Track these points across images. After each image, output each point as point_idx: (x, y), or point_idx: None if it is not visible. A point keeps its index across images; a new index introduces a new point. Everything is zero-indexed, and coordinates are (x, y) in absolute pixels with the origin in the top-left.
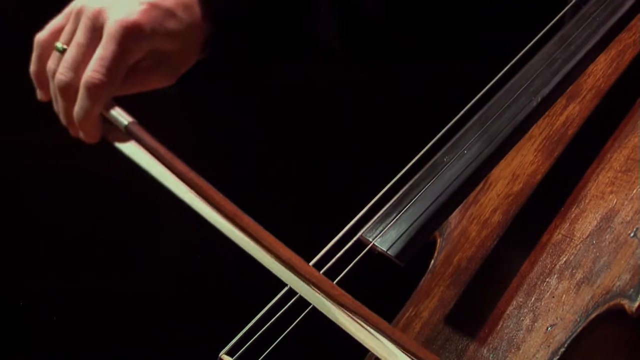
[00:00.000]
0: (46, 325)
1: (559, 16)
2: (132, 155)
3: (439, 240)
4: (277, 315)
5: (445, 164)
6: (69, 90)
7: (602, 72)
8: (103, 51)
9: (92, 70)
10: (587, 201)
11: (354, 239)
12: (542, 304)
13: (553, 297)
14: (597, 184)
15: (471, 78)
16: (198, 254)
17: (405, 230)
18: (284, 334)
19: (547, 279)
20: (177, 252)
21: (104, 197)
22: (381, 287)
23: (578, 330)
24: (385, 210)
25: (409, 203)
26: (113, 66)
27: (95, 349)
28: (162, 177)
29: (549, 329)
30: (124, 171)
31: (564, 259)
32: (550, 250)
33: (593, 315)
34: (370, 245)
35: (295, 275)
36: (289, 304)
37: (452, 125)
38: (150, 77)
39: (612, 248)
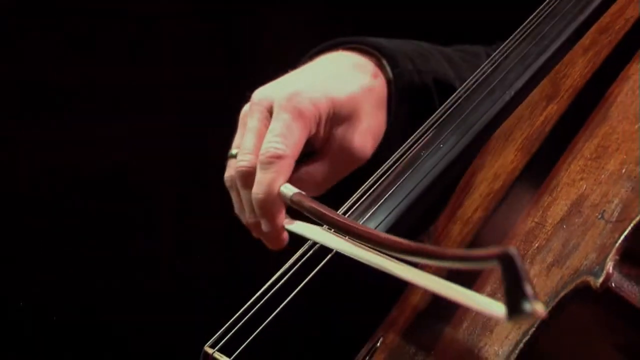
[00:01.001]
0: (46, 325)
1: (533, 15)
2: (310, 234)
3: (426, 242)
4: (257, 307)
5: (422, 157)
6: (250, 175)
7: (579, 72)
8: (274, 123)
9: (267, 142)
10: (559, 189)
11: (332, 231)
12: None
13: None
14: (569, 173)
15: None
16: (186, 252)
17: (382, 221)
18: (263, 325)
19: None
20: (174, 251)
21: (98, 195)
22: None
23: (547, 310)
24: (362, 204)
25: (385, 196)
26: (287, 134)
27: (94, 348)
28: (345, 248)
29: None
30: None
31: (536, 245)
32: (524, 238)
33: (561, 294)
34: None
35: None
36: (267, 295)
37: (430, 121)
38: (344, 155)
39: (580, 231)
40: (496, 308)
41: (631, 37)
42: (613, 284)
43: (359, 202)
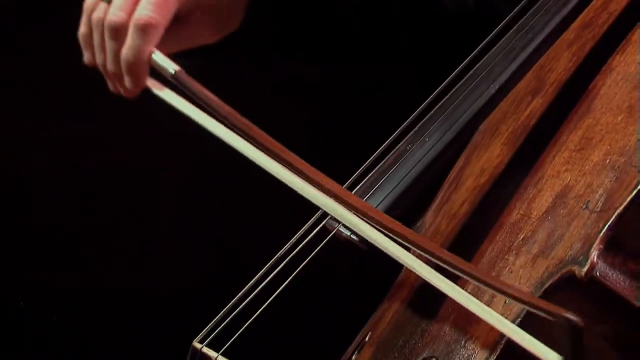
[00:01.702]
0: (46, 325)
1: (514, 11)
2: (173, 102)
3: None
4: (246, 301)
5: (408, 151)
6: (119, 31)
7: (563, 66)
8: None
9: (143, 8)
10: (544, 181)
11: (320, 225)
12: (501, 279)
13: (511, 272)
14: (554, 165)
15: (434, 71)
16: (175, 246)
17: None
18: (252, 319)
19: (506, 256)
20: (173, 251)
21: (96, 195)
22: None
23: None
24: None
25: (372, 190)
26: (162, 5)
27: (94, 348)
28: (207, 123)
29: (507, 302)
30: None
31: (522, 236)
32: (509, 230)
33: (547, 284)
34: (335, 230)
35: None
36: (256, 289)
37: (416, 116)
38: (198, 31)
39: (565, 221)
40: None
41: (614, 30)
42: (597, 273)
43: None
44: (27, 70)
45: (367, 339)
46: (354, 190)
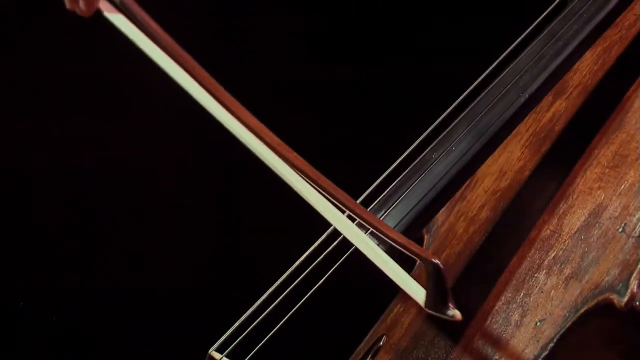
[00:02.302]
0: (46, 325)
1: (545, 13)
2: (122, 27)
3: (426, 237)
4: (265, 312)
5: (433, 160)
6: None
7: (588, 68)
8: None
9: None
10: (575, 197)
11: (342, 235)
12: (531, 299)
13: (542, 292)
14: (585, 180)
15: (459, 76)
16: (194, 253)
17: (395, 226)
18: (272, 332)
19: (536, 275)
20: (172, 251)
21: (97, 196)
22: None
23: (567, 325)
24: (373, 208)
25: (396, 200)
26: None
27: (93, 348)
28: (151, 51)
29: (538, 324)
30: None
31: (553, 255)
32: (539, 246)
33: (582, 310)
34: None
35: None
36: (277, 301)
37: (440, 122)
38: None
39: (600, 243)
40: (420, 295)
41: None
42: (638, 303)
43: (370, 206)
44: (25, 70)
45: (381, 343)
46: (377, 200)
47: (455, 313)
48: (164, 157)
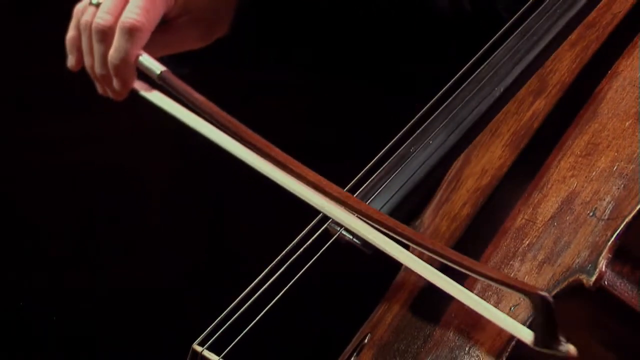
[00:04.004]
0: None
1: (521, 11)
2: (160, 103)
3: None
4: (245, 306)
5: (411, 154)
6: (106, 33)
7: (567, 67)
8: None
9: (129, 11)
10: (549, 186)
11: (322, 229)
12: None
13: (516, 278)
14: (559, 170)
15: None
16: (177, 249)
17: None
18: (254, 322)
19: (511, 262)
20: (156, 248)
21: (93, 194)
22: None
23: None
24: None
25: (374, 193)
26: (149, 8)
27: (89, 346)
28: (195, 124)
29: (512, 309)
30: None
31: (527, 242)
32: (514, 235)
33: (553, 293)
34: (338, 234)
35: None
36: (257, 294)
37: (419, 118)
38: (186, 35)
39: (572, 228)
40: (524, 334)
41: (619, 32)
42: (606, 282)
43: None
44: (23, 70)
45: (366, 340)
46: (356, 193)
47: (569, 348)
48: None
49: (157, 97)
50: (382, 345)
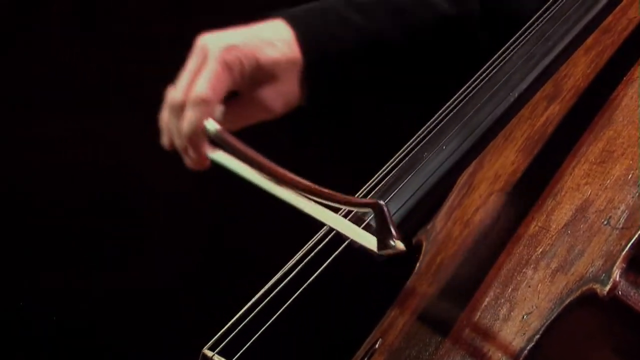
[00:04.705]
0: (46, 325)
1: (537, 15)
2: (228, 163)
3: (424, 244)
4: (257, 310)
5: (424, 159)
6: (179, 108)
7: (581, 72)
8: (205, 70)
9: (197, 86)
10: (563, 193)
11: (333, 232)
12: (519, 293)
13: (529, 286)
14: (573, 177)
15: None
16: (187, 251)
17: None
18: (263, 328)
19: (524, 270)
20: (167, 249)
21: (96, 194)
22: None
23: (552, 317)
24: None
25: (387, 198)
26: (214, 82)
27: (92, 347)
28: (256, 179)
29: (525, 317)
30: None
31: (540, 250)
32: (527, 242)
33: (567, 302)
34: (350, 239)
35: None
36: (268, 297)
37: (432, 122)
38: (254, 108)
39: (586, 237)
40: (370, 241)
41: (635, 38)
42: (620, 292)
43: None
44: (22, 70)
45: (377, 345)
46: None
47: (397, 244)
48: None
49: (223, 158)
50: (394, 351)
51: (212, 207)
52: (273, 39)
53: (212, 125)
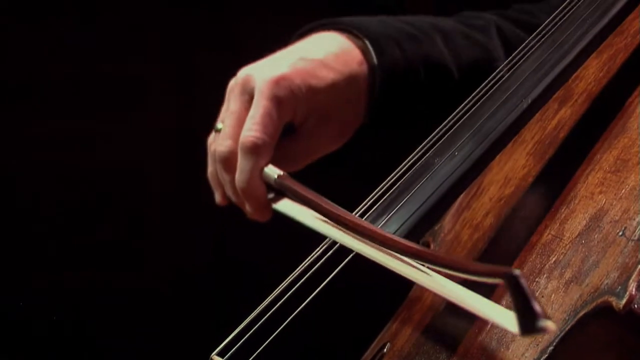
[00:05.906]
0: (46, 325)
1: (550, 20)
2: (291, 212)
3: (432, 246)
4: (267, 316)
5: (436, 165)
6: (229, 160)
7: (593, 76)
8: (254, 110)
9: (247, 130)
10: (576, 202)
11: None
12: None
13: (542, 296)
14: (587, 185)
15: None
16: (193, 256)
17: (397, 230)
18: (273, 335)
19: (537, 279)
20: (174, 252)
21: (99, 193)
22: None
23: (566, 329)
24: (374, 212)
25: (398, 205)
26: (267, 122)
27: (92, 348)
28: (331, 232)
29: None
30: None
31: (554, 259)
32: (540, 251)
33: (581, 314)
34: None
35: None
36: (279, 303)
37: (443, 128)
38: (317, 140)
39: (600, 247)
40: (510, 323)
41: None
42: (636, 306)
43: (371, 210)
44: (22, 70)
45: (385, 350)
46: (378, 204)
47: (547, 323)
48: (156, 156)
49: (287, 207)
50: (404, 356)
51: (205, 206)
52: (324, 58)
53: (272, 171)
